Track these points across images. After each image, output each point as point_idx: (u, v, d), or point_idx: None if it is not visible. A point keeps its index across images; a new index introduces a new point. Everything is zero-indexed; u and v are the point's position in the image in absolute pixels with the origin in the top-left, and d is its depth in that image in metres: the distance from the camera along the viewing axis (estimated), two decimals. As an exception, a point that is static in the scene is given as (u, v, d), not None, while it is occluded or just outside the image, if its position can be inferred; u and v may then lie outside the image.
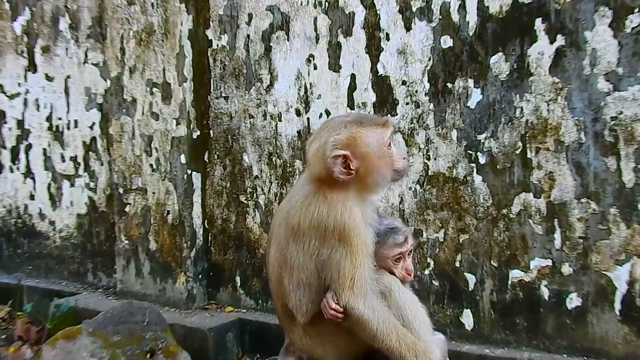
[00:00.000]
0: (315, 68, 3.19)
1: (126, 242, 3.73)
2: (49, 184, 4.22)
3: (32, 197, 4.32)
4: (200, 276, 3.58)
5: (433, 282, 2.95)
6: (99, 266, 4.05)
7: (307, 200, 2.07)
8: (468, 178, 2.86)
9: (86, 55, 3.97)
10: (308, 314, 2.14)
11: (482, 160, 2.82)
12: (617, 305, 2.59)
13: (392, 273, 2.17)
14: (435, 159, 2.92)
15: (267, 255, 2.29)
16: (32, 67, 4.23)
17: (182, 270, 3.54)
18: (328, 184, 2.07)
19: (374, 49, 3.02)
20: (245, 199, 3.46)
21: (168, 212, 3.57)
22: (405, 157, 2.14)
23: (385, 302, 2.08)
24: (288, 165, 3.32)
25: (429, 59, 2.90)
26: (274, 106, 3.33)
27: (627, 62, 2.51)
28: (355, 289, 2.02)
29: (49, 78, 4.16)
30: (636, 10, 2.48)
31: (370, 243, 2.07)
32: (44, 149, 4.22)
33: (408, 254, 2.21)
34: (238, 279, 3.51)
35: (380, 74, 3.02)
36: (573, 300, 2.68)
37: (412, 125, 2.96)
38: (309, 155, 2.16)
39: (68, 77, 4.07)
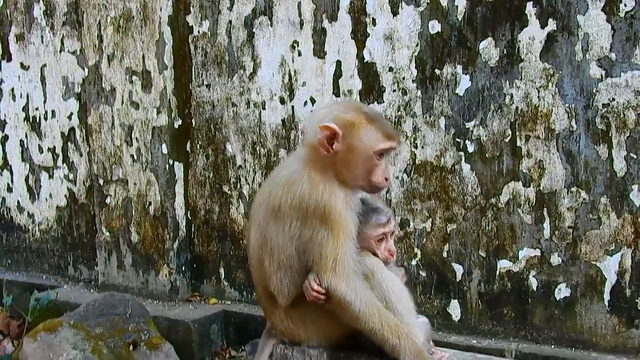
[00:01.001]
0: (299, 54, 3.13)
1: (107, 234, 3.68)
2: (27, 176, 4.14)
3: (9, 190, 4.24)
4: (183, 268, 3.54)
5: (420, 272, 2.94)
6: (79, 259, 4.00)
7: (290, 179, 2.06)
8: (456, 167, 2.83)
9: (62, 43, 3.86)
10: (290, 297, 2.12)
11: (470, 148, 2.79)
12: (607, 296, 2.60)
13: (375, 254, 2.15)
14: (422, 147, 2.88)
15: (247, 238, 2.28)
16: (6, 55, 4.12)
17: (165, 262, 3.51)
18: (314, 161, 2.06)
19: (360, 35, 2.98)
20: (228, 189, 3.41)
21: (150, 203, 3.52)
22: (388, 179, 2.14)
23: (368, 284, 2.07)
24: (272, 154, 3.27)
25: (417, 45, 2.85)
26: (258, 94, 3.27)
27: (620, 47, 2.49)
28: (338, 270, 2.01)
29: (24, 67, 4.05)
30: (629, -7, 2.45)
31: (352, 225, 2.06)
32: (21, 140, 4.13)
33: (390, 235, 2.20)
34: (222, 270, 3.48)
35: (366, 60, 2.97)
36: (562, 291, 2.67)
37: (399, 113, 2.92)
38: (311, 118, 2.12)
39: (44, 65, 3.96)
